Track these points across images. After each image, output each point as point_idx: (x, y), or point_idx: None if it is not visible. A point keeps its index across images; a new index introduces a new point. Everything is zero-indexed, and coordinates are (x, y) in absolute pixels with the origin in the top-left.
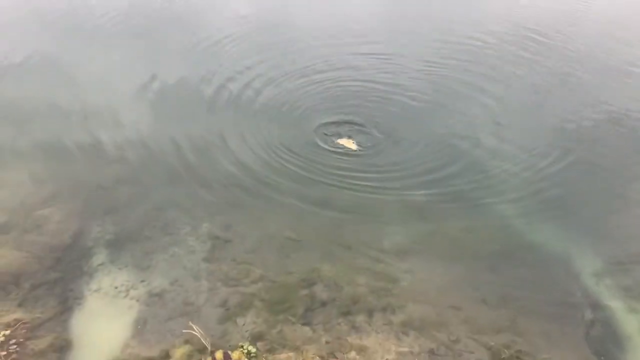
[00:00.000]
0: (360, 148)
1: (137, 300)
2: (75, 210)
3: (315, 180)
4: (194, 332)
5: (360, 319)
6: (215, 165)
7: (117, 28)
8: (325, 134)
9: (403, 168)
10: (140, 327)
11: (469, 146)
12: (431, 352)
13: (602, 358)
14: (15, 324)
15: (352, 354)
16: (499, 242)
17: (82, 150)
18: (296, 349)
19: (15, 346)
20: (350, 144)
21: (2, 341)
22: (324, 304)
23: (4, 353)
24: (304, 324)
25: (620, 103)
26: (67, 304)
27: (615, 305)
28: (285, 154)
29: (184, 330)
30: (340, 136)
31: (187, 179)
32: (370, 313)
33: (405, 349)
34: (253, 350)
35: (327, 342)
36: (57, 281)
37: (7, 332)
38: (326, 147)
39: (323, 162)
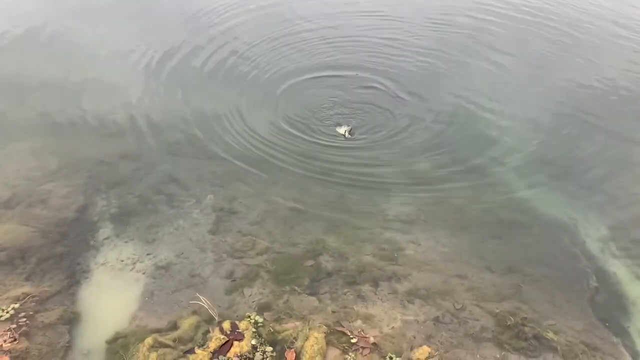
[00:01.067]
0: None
1: (144, 273)
2: (80, 184)
3: (319, 150)
4: (201, 303)
5: (365, 288)
6: (219, 138)
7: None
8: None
9: (407, 136)
10: (147, 299)
11: (474, 115)
12: (436, 319)
13: (607, 324)
14: (24, 298)
15: (358, 322)
16: (504, 210)
17: (84, 125)
18: (302, 318)
19: (24, 319)
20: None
21: (12, 314)
22: (329, 274)
23: (14, 326)
24: (310, 294)
25: (621, 66)
26: (74, 278)
27: (620, 271)
28: (289, 123)
29: (190, 302)
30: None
31: (191, 152)
32: (375, 282)
33: (411, 317)
34: (260, 320)
35: (333, 312)
36: (64, 255)
37: (17, 305)
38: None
39: (327, 132)
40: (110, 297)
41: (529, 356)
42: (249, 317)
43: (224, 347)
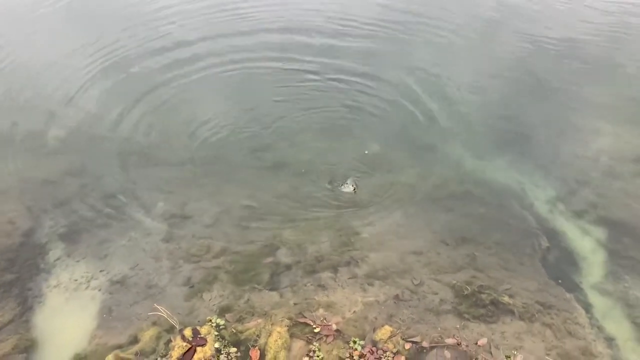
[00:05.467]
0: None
1: (99, 290)
2: (24, 207)
3: (268, 145)
4: (160, 313)
5: (325, 276)
6: (164, 144)
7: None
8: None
9: (351, 120)
10: (105, 316)
11: (415, 91)
12: (396, 298)
13: (560, 282)
14: None
15: (320, 311)
16: (454, 183)
17: (22, 145)
18: (265, 314)
19: None
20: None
21: None
22: (288, 267)
23: None
24: (271, 290)
25: (564, 29)
26: (27, 304)
27: (569, 229)
28: (235, 122)
29: (150, 313)
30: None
31: (136, 162)
32: (335, 269)
33: (372, 299)
34: (222, 322)
35: (295, 304)
36: (14, 282)
37: None
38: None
39: (273, 126)
40: (67, 319)
41: (487, 322)
42: (210, 320)
43: (187, 355)
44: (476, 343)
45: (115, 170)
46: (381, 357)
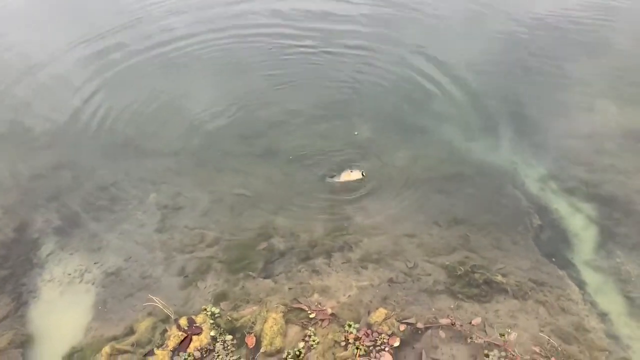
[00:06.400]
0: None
1: (93, 283)
2: (15, 203)
3: (259, 132)
4: (155, 304)
5: (319, 261)
6: (155, 134)
7: None
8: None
9: (342, 104)
10: (100, 309)
11: (407, 72)
12: (390, 281)
13: (553, 259)
14: None
15: (315, 296)
16: (446, 165)
17: (11, 140)
18: (259, 301)
19: None
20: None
21: None
22: (282, 254)
23: None
24: (265, 277)
25: (555, 8)
26: (21, 299)
27: (561, 206)
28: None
29: (145, 304)
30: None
31: (128, 153)
32: (328, 255)
33: (366, 283)
34: (217, 311)
35: (290, 289)
36: (7, 278)
37: None
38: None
39: (263, 112)
40: (62, 313)
41: (481, 301)
42: (205, 309)
43: (184, 344)
44: (470, 322)
45: (106, 163)
46: (376, 340)
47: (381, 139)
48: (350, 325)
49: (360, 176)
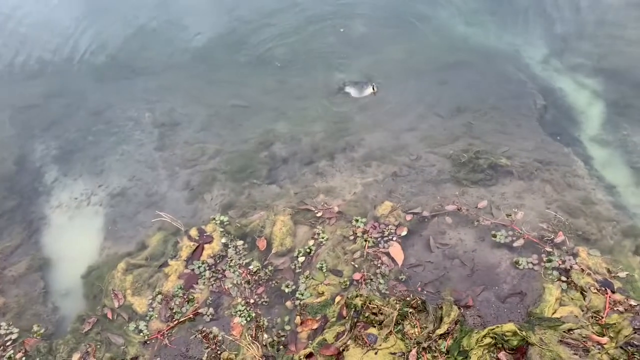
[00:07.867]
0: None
1: (101, 205)
2: (12, 135)
3: (249, 35)
4: (164, 219)
5: (323, 164)
6: (142, 53)
7: None
8: None
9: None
10: (111, 228)
11: None
12: (394, 175)
13: (558, 138)
14: None
15: (321, 197)
16: (444, 54)
17: None
18: (267, 207)
19: None
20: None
21: None
22: (285, 160)
23: None
24: (270, 184)
25: None
26: (32, 227)
27: (565, 85)
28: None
29: (153, 220)
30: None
31: (117, 74)
32: (331, 156)
33: (370, 179)
34: (225, 219)
35: (295, 193)
36: (16, 208)
37: None
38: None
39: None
40: (74, 236)
41: (487, 186)
42: (214, 219)
43: (196, 253)
44: (476, 206)
45: (97, 87)
46: (384, 231)
47: (375, 33)
48: (357, 220)
49: (372, 90)
